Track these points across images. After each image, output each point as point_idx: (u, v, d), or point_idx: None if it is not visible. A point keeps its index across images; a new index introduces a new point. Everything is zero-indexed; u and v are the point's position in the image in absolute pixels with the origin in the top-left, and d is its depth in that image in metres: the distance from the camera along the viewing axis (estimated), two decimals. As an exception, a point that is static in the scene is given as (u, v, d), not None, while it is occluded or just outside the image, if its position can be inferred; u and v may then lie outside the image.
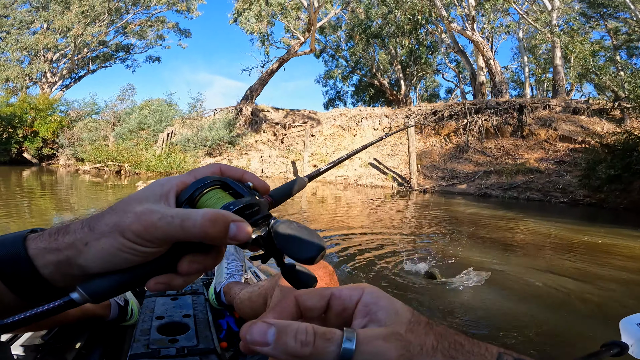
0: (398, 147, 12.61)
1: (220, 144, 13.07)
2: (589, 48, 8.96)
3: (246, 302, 0.85)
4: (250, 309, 0.83)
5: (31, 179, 8.24)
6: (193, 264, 0.28)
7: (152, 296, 0.99)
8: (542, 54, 18.22)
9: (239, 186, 0.31)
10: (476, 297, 1.89)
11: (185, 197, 0.29)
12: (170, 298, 0.99)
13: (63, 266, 0.26)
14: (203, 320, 0.89)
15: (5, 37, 19.90)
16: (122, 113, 15.26)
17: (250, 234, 0.27)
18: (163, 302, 0.96)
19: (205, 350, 0.79)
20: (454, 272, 2.23)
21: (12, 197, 4.94)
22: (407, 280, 2.06)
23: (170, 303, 0.96)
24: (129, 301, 0.96)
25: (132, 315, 0.94)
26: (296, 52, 17.01)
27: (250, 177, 0.33)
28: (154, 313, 0.90)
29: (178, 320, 0.88)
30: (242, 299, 0.89)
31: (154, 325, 0.85)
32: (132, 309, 0.95)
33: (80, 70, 22.82)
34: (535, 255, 2.85)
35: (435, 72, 24.95)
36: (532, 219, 5.13)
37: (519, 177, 9.73)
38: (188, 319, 0.89)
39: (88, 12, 18.73)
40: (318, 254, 0.28)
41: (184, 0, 21.56)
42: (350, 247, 2.75)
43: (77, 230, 0.26)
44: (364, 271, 2.19)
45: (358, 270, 2.21)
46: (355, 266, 2.27)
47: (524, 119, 11.59)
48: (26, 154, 15.14)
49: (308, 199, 6.57)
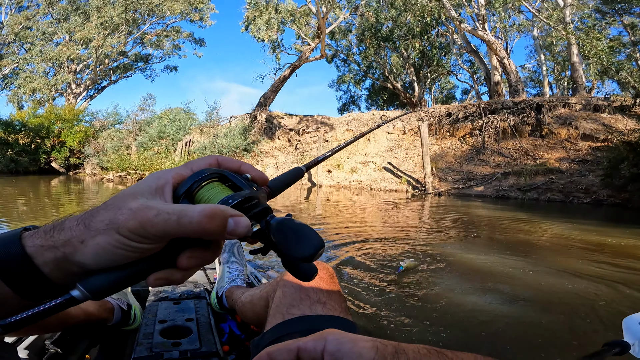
0: (412, 150, 12.53)
1: (236, 151, 13.34)
2: (607, 45, 8.72)
3: (248, 306, 0.86)
4: (252, 312, 0.84)
5: (59, 187, 8.66)
6: (192, 259, 0.28)
7: (155, 300, 1.00)
8: (559, 52, 17.78)
9: (237, 178, 0.31)
10: (480, 300, 1.90)
11: (182, 191, 0.29)
12: (173, 302, 0.99)
13: (61, 263, 0.26)
14: (205, 324, 0.89)
15: (30, 49, 20.87)
16: (143, 122, 15.78)
17: (249, 228, 0.27)
18: (166, 307, 0.96)
19: (208, 354, 0.79)
20: (463, 277, 2.24)
21: (41, 204, 5.23)
22: (403, 283, 2.09)
23: (172, 307, 0.96)
24: (131, 305, 0.95)
25: (135, 319, 0.94)
26: (307, 58, 17.21)
27: (248, 168, 0.33)
28: (157, 317, 0.90)
29: (180, 324, 0.88)
30: (244, 302, 0.89)
31: (157, 329, 0.85)
32: (135, 313, 0.95)
33: (103, 80, 23.78)
34: (551, 257, 2.81)
35: (449, 74, 24.68)
36: (553, 221, 5.02)
37: (538, 178, 9.50)
38: (190, 323, 0.89)
39: (107, 23, 19.49)
40: (316, 252, 0.27)
41: (196, 10, 22.24)
42: (356, 250, 2.80)
43: (73, 227, 0.26)
44: (366, 275, 2.23)
45: (361, 273, 2.25)
46: (358, 271, 2.32)
47: (542, 118, 11.32)
48: (54, 163, 15.75)
49: (322, 204, 6.65)
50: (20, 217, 3.86)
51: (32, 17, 21.34)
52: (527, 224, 4.67)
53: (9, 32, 21.10)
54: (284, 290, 0.64)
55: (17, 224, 3.34)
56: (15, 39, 21.34)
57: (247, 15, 18.30)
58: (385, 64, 22.93)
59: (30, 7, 21.94)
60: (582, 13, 12.12)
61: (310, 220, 4.47)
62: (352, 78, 26.03)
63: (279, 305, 0.62)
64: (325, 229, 3.79)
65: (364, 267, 2.33)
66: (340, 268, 2.30)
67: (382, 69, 23.32)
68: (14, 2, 22.07)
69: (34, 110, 17.24)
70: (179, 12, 21.51)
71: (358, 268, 2.30)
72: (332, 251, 2.74)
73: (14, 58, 21.45)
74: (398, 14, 18.67)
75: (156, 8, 20.80)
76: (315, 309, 0.59)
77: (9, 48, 21.96)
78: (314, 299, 0.60)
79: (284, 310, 0.60)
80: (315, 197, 8.07)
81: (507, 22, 17.65)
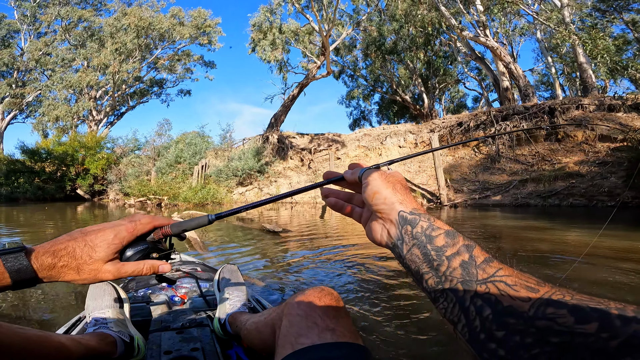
0: (425, 163, 12.47)
1: (250, 173, 13.57)
2: (612, 43, 8.61)
3: (254, 333, 0.85)
4: (258, 339, 0.83)
5: (84, 213, 9.00)
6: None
7: (157, 330, 0.99)
8: (567, 53, 17.61)
9: (137, 243, 0.50)
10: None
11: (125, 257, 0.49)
12: (176, 332, 0.98)
13: (54, 278, 0.45)
14: (211, 352, 0.88)
15: (51, 76, 21.91)
16: (161, 147, 16.27)
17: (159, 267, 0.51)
18: (169, 337, 0.95)
19: None
20: None
21: (68, 229, 5.47)
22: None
23: (176, 337, 0.95)
24: (134, 337, 0.94)
25: (139, 351, 0.92)
26: (314, 76, 17.58)
27: (158, 223, 0.52)
28: (161, 348, 0.89)
29: (186, 354, 0.86)
30: (249, 329, 0.89)
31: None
32: (139, 344, 0.94)
33: (121, 106, 24.75)
34: (579, 268, 2.73)
35: (457, 82, 24.68)
36: (576, 227, 4.88)
37: (558, 183, 9.26)
38: (196, 352, 0.87)
39: (121, 49, 20.38)
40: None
41: (204, 33, 23.22)
42: (372, 268, 2.79)
43: (69, 260, 0.45)
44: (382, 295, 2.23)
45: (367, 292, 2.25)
46: (362, 289, 2.32)
47: (556, 121, 11.14)
48: (79, 190, 16.26)
49: (336, 220, 6.66)
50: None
51: (50, 44, 22.51)
52: (551, 232, 4.54)
53: (30, 58, 22.37)
54: (290, 319, 0.63)
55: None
56: (36, 65, 22.60)
57: (253, 37, 18.92)
58: (392, 76, 23.15)
59: (48, 34, 23.33)
60: (581, 12, 12.05)
61: (325, 241, 4.50)
62: (361, 93, 26.31)
63: (286, 335, 0.61)
64: (340, 248, 3.81)
65: (380, 286, 2.34)
66: (356, 288, 2.31)
67: (390, 82, 23.54)
68: (32, 29, 23.59)
69: (58, 138, 17.91)
70: (188, 36, 22.50)
71: (375, 288, 2.31)
72: (349, 271, 2.75)
73: (36, 85, 22.61)
74: (400, 26, 18.92)
75: (166, 33, 21.83)
76: (325, 337, 0.58)
77: (30, 75, 23.25)
78: (322, 327, 0.60)
79: (292, 340, 0.59)
80: (330, 215, 8.09)
81: (508, 27, 17.69)
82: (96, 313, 0.97)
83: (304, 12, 16.91)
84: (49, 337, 0.70)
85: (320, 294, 0.66)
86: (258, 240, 4.23)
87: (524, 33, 18.99)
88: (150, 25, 20.76)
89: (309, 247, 3.79)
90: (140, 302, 1.24)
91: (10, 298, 2.08)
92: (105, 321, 0.93)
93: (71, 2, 22.75)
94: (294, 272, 2.78)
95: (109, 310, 0.97)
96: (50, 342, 0.69)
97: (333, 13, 15.82)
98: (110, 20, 21.13)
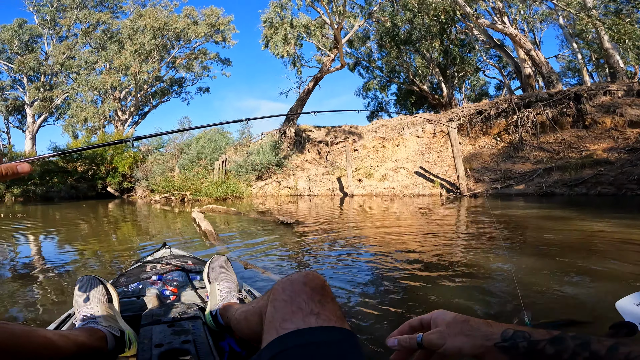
0: (444, 153, 12.26)
1: (268, 167, 13.77)
2: (637, 29, 8.09)
3: (243, 322, 0.85)
4: (247, 328, 0.82)
5: (115, 209, 9.46)
6: None
7: (148, 324, 0.97)
8: (593, 39, 16.72)
9: None
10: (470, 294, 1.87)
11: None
12: (167, 325, 0.97)
13: None
14: (204, 344, 0.87)
15: (76, 78, 22.71)
16: (183, 145, 16.71)
17: None
18: (160, 330, 0.94)
19: None
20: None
21: (100, 225, 5.79)
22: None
23: (167, 330, 0.94)
24: (124, 331, 0.93)
25: (131, 345, 0.91)
26: (328, 69, 17.47)
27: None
28: (152, 341, 0.88)
29: (178, 346, 0.86)
30: (238, 319, 0.88)
31: (154, 353, 0.82)
32: (130, 338, 0.92)
33: (144, 106, 25.51)
34: (612, 264, 2.65)
35: (477, 71, 23.92)
36: (605, 217, 4.72)
37: (586, 171, 8.92)
38: (188, 345, 0.86)
39: (140, 50, 20.89)
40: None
41: (218, 31, 23.49)
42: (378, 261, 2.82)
43: None
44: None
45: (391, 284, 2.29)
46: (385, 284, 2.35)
47: (583, 107, 10.67)
48: (110, 188, 16.90)
49: (355, 212, 6.72)
50: (93, 235, 4.34)
51: (72, 47, 23.37)
52: (579, 222, 4.41)
53: (55, 62, 23.33)
54: (275, 304, 0.63)
55: (95, 243, 3.76)
56: (62, 68, 23.57)
57: (265, 33, 18.92)
58: (409, 67, 22.69)
59: (69, 37, 24.22)
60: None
61: (336, 232, 4.56)
62: (377, 84, 25.96)
63: (271, 320, 0.61)
64: (360, 238, 3.87)
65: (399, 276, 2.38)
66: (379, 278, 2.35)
67: (407, 72, 23.10)
68: (54, 33, 24.56)
69: (88, 139, 18.69)
70: (203, 34, 22.83)
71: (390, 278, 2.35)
72: (354, 260, 2.72)
73: (63, 88, 23.63)
74: (413, 15, 18.42)
75: (181, 32, 22.24)
76: (309, 321, 0.58)
77: (57, 78, 24.29)
78: (307, 311, 0.59)
79: (277, 325, 0.59)
80: (348, 206, 8.15)
81: (528, 13, 16.90)
82: (85, 309, 0.95)
83: (314, 5, 16.77)
84: (35, 332, 0.70)
85: (305, 278, 0.65)
86: (270, 232, 4.29)
87: (544, 19, 18.09)
88: (165, 26, 21.18)
89: (319, 238, 3.84)
90: (130, 296, 1.23)
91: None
92: (94, 316, 0.92)
93: (88, 6, 23.46)
94: (301, 261, 2.82)
95: (98, 306, 0.96)
96: (36, 337, 0.68)
97: (343, 5, 15.63)
98: (127, 22, 21.69)
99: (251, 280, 2.19)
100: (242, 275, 2.31)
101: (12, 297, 2.03)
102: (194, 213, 5.55)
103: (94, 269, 2.73)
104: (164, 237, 4.26)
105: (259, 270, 2.45)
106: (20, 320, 1.02)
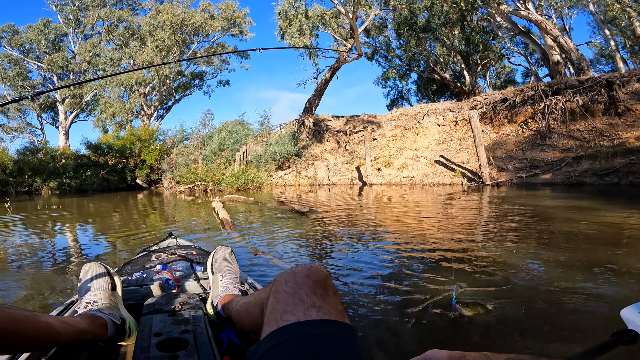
0: (466, 141, 11.97)
1: (288, 157, 13.93)
2: None
3: (244, 314, 0.84)
4: (248, 320, 0.82)
5: (143, 200, 9.91)
6: None
7: (149, 313, 0.98)
8: (627, 26, 15.57)
9: None
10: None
11: None
12: (168, 314, 0.97)
13: None
14: (203, 335, 0.87)
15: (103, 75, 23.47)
16: (206, 137, 17.12)
17: None
18: (161, 319, 0.94)
19: None
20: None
21: (130, 214, 6.11)
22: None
23: (168, 319, 0.94)
24: (125, 319, 0.93)
25: (130, 333, 0.92)
26: (345, 59, 17.26)
27: None
28: (152, 330, 0.88)
29: (177, 336, 0.86)
30: (239, 310, 0.88)
31: (153, 342, 0.83)
32: (130, 326, 0.93)
33: (168, 100, 26.26)
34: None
35: (501, 58, 22.94)
36: (630, 208, 4.52)
37: (617, 160, 8.49)
38: (187, 335, 0.87)
39: (161, 45, 21.37)
40: None
41: (235, 24, 23.64)
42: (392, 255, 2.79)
43: None
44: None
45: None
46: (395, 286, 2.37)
47: (615, 95, 10.09)
48: (138, 180, 17.56)
49: (372, 199, 6.73)
50: (129, 222, 4.63)
51: (97, 45, 24.26)
52: (608, 213, 4.24)
53: (82, 60, 24.34)
54: (277, 296, 0.63)
55: (125, 230, 4.00)
56: (89, 66, 24.56)
57: (280, 25, 18.84)
58: (429, 55, 22.06)
59: (93, 35, 25.09)
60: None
61: (351, 222, 4.61)
62: (396, 73, 25.45)
63: (272, 312, 0.62)
64: (374, 227, 3.90)
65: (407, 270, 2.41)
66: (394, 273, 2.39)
67: (427, 61, 22.48)
68: (79, 31, 25.49)
69: (117, 133, 19.50)
70: (220, 28, 23.06)
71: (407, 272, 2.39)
72: (364, 251, 2.67)
73: (92, 85, 24.71)
74: (431, 2, 17.79)
75: (199, 27, 22.56)
76: (310, 314, 0.58)
77: (84, 75, 25.36)
78: (308, 304, 0.60)
79: (277, 316, 0.60)
80: (366, 195, 8.16)
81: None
82: (88, 296, 0.96)
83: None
84: (36, 317, 0.70)
85: (308, 271, 0.65)
86: (285, 221, 4.36)
87: (573, 5, 17.01)
88: (183, 21, 21.54)
89: (334, 227, 3.84)
90: (134, 285, 1.24)
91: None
92: (96, 304, 0.93)
93: (108, 4, 24.13)
94: (310, 249, 2.84)
95: (101, 293, 0.97)
96: (36, 322, 0.69)
97: (357, -6, 15.27)
98: (146, 19, 22.19)
99: (260, 267, 2.23)
100: (251, 262, 2.36)
101: (49, 281, 2.14)
102: (214, 202, 5.76)
103: (123, 257, 2.79)
104: (187, 226, 4.46)
105: (268, 257, 2.48)
106: (54, 307, 1.10)
